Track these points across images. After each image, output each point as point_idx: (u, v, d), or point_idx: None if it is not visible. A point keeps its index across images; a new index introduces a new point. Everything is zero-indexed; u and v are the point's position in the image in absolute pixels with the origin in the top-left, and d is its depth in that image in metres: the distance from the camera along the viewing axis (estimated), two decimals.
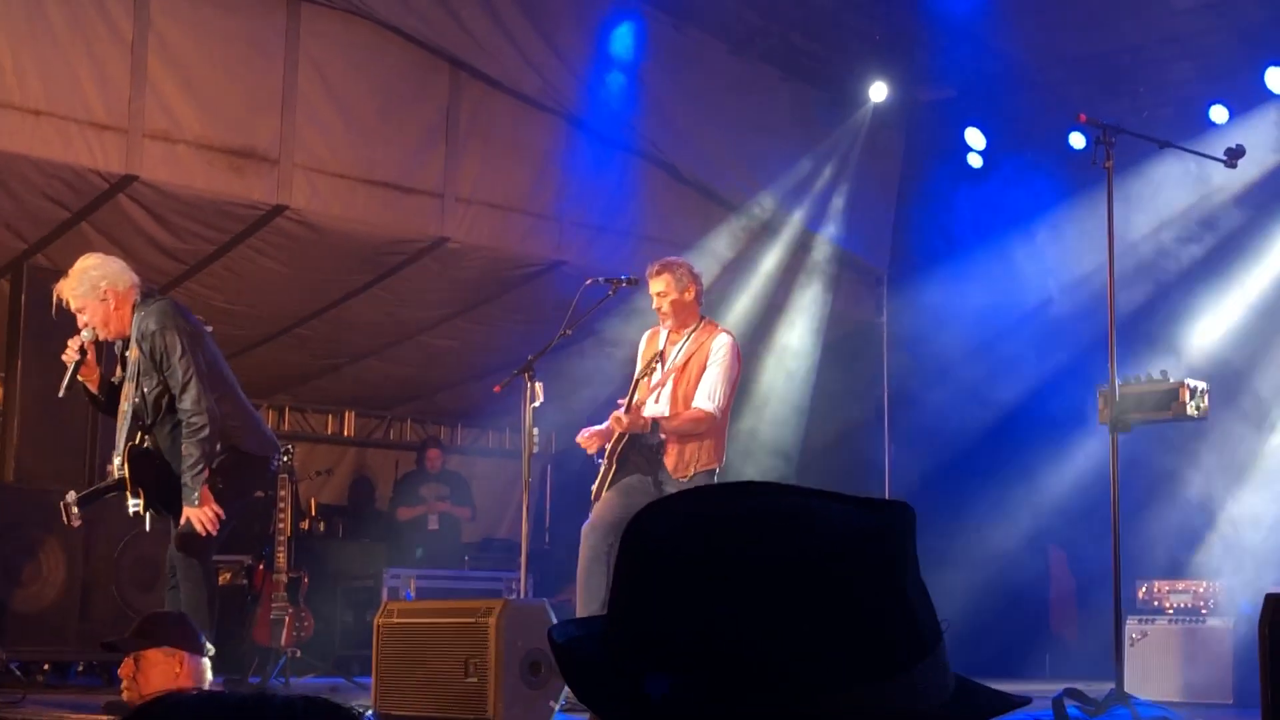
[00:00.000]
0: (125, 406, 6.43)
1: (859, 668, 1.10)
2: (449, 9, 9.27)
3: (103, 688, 8.04)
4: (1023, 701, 1.22)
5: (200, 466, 6.24)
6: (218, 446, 6.37)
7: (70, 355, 6.33)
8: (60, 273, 6.67)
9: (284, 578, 8.68)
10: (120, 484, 6.44)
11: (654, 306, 7.19)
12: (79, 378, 6.41)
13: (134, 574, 8.36)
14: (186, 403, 6.26)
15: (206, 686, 5.06)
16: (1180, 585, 8.22)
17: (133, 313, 6.38)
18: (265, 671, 8.53)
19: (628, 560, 1.18)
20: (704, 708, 1.10)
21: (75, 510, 6.55)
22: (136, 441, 6.46)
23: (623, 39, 9.94)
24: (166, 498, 6.41)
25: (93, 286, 6.34)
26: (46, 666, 8.42)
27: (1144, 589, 8.27)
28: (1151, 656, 7.87)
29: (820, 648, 1.09)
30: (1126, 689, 6.29)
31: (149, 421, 6.42)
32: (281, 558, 8.67)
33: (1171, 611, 8.12)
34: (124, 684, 4.93)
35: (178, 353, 6.27)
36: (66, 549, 8.17)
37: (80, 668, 8.73)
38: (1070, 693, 5.67)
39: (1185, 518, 9.32)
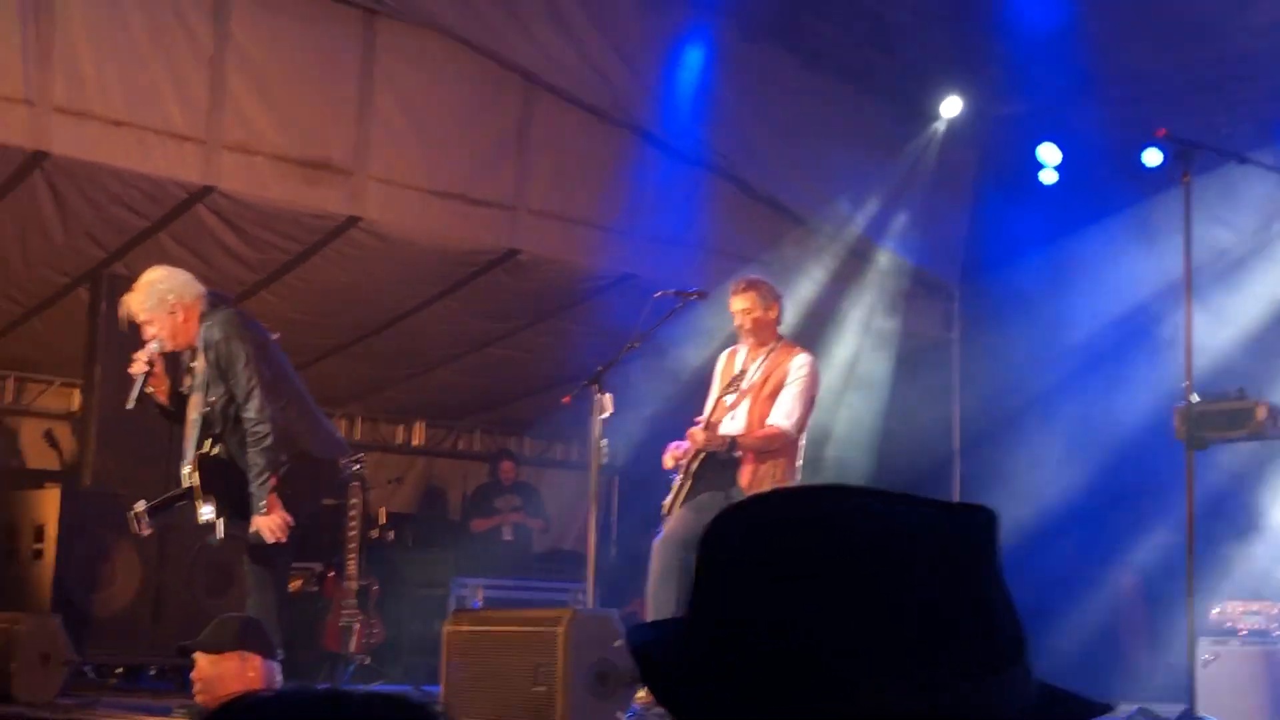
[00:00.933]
0: (194, 416, 6.49)
1: (931, 675, 1.09)
2: (521, 23, 9.34)
3: (175, 692, 8.13)
4: (1105, 708, 1.22)
5: (266, 475, 6.29)
6: (284, 455, 6.41)
7: (138, 368, 6.39)
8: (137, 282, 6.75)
9: (354, 585, 8.74)
10: (190, 492, 6.51)
11: (736, 324, 7.20)
12: (148, 389, 6.49)
13: (208, 578, 8.45)
14: (250, 411, 6.31)
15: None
16: (1254, 606, 8.08)
17: (199, 323, 6.44)
18: (335, 678, 8.59)
19: (700, 563, 1.20)
20: (773, 709, 1.11)
21: (145, 519, 6.63)
22: (206, 450, 6.52)
23: (694, 52, 9.96)
24: (238, 505, 6.46)
25: (160, 300, 6.40)
26: (120, 670, 8.53)
27: (1217, 610, 8.15)
28: (1224, 679, 7.75)
29: (886, 652, 1.09)
30: (1199, 711, 6.22)
31: (219, 430, 6.48)
32: (352, 565, 8.73)
33: (1245, 633, 7.99)
34: (197, 687, 4.99)
35: (241, 361, 6.33)
36: (141, 553, 8.27)
37: (153, 671, 8.82)
38: (1143, 713, 5.62)
39: (1262, 538, 9.18)
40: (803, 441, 7.22)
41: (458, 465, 13.25)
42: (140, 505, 6.64)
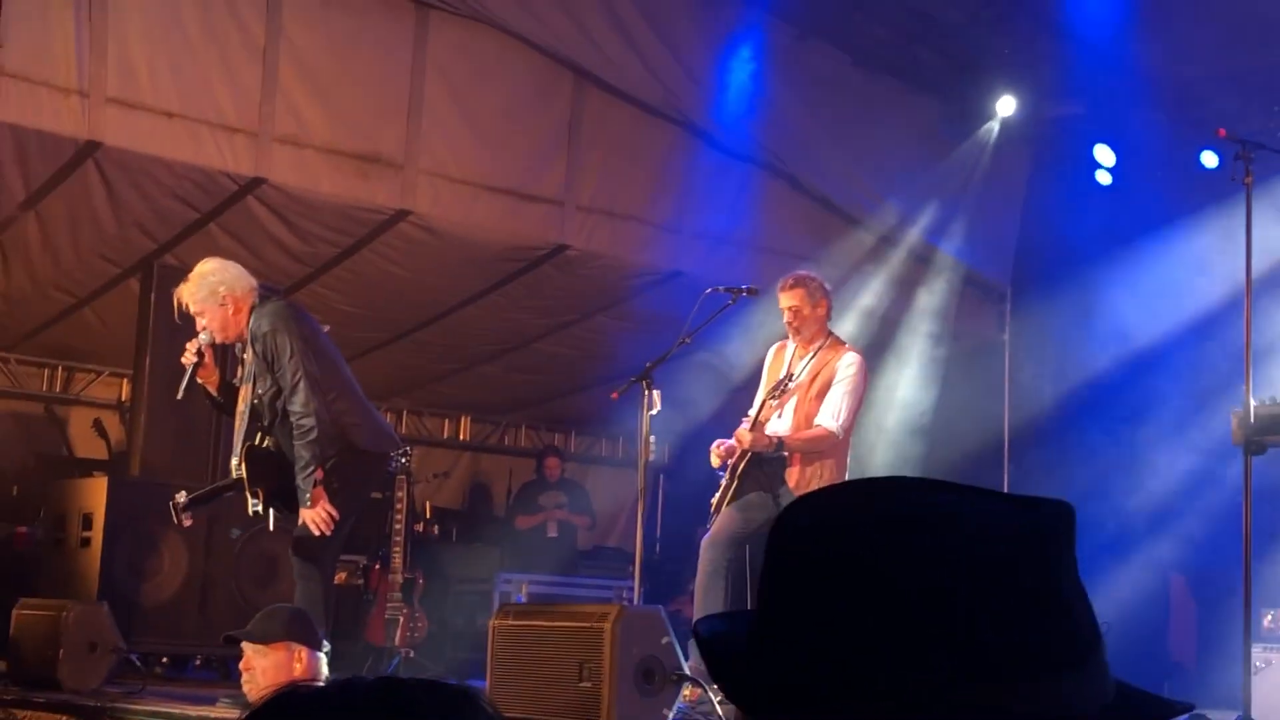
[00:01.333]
0: (242, 407, 6.51)
1: (1004, 673, 1.06)
2: (574, 18, 9.30)
3: (220, 681, 8.15)
4: (1186, 708, 1.18)
5: (311, 468, 6.29)
6: (330, 448, 6.40)
7: (188, 358, 6.43)
8: (189, 272, 6.76)
9: (400, 578, 8.73)
10: (238, 484, 6.51)
11: (785, 320, 7.14)
12: (198, 380, 6.51)
13: (253, 569, 8.46)
14: (295, 405, 6.31)
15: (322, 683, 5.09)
16: None
17: (250, 316, 6.45)
18: (378, 671, 8.59)
19: (769, 556, 1.16)
20: (834, 709, 1.08)
21: (185, 512, 6.64)
22: (256, 441, 6.53)
23: (746, 49, 9.90)
24: (287, 497, 6.47)
25: (211, 291, 6.43)
26: (165, 659, 8.55)
27: (1270, 617, 8.06)
28: (1276, 685, 7.66)
29: (961, 652, 1.06)
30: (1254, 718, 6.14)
31: (267, 422, 6.49)
32: (397, 558, 8.73)
33: None
34: (244, 677, 4.98)
35: (287, 354, 6.33)
36: (188, 543, 8.29)
37: (198, 661, 8.85)
38: (1196, 718, 5.54)
39: None
40: (850, 441, 7.17)
41: (503, 461, 13.26)
42: (181, 497, 6.65)
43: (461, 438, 13.14)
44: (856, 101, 10.46)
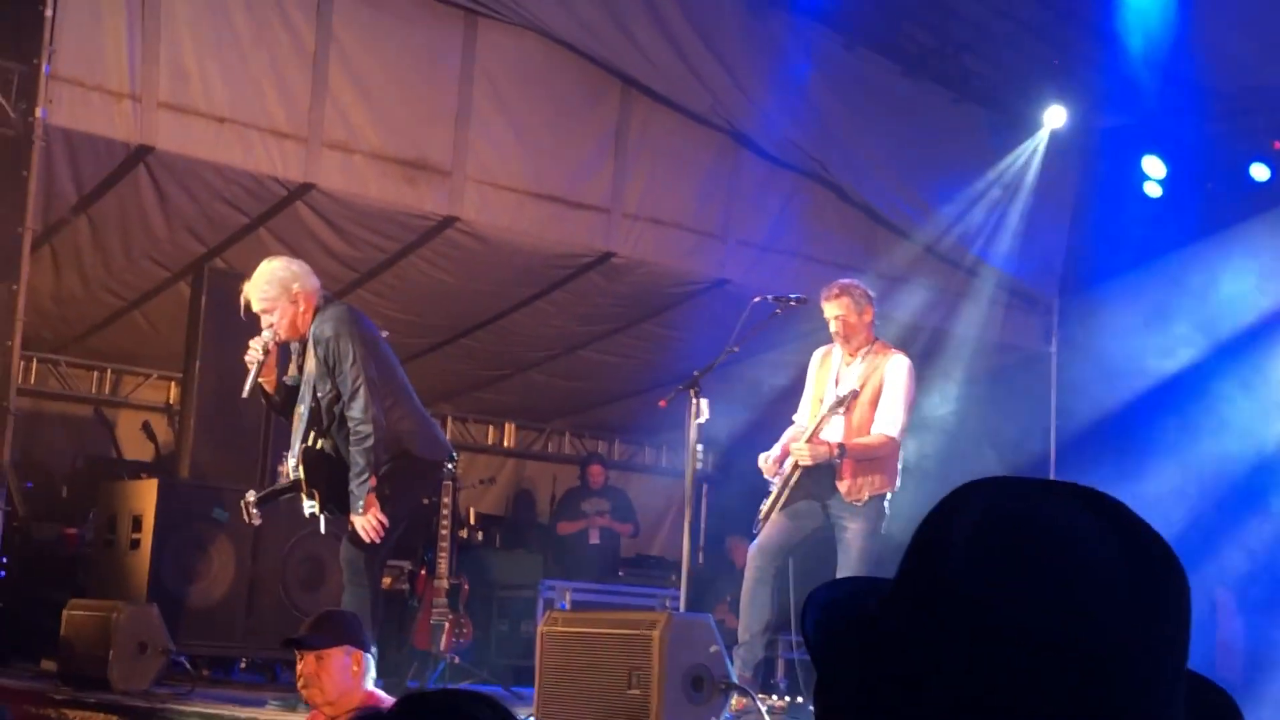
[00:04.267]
0: (301, 409, 6.48)
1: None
2: (621, 26, 9.31)
3: (267, 684, 8.19)
4: None
5: (366, 475, 6.27)
6: (385, 454, 6.40)
7: (254, 356, 6.37)
8: (239, 276, 6.75)
9: (445, 584, 8.75)
10: (296, 485, 6.51)
11: (832, 330, 7.14)
12: (259, 379, 6.50)
13: (301, 573, 8.49)
14: (355, 411, 6.29)
15: (372, 686, 5.11)
16: None
17: (314, 316, 6.45)
18: (424, 676, 8.60)
19: (920, 546, 1.07)
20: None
21: (255, 510, 6.65)
22: (312, 443, 6.53)
23: (793, 58, 9.88)
24: (341, 500, 6.46)
25: (285, 288, 6.39)
26: (211, 661, 8.59)
27: None
28: None
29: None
30: None
31: (325, 425, 6.49)
32: (443, 564, 8.75)
33: None
34: (301, 681, 4.95)
35: (349, 360, 6.31)
36: (236, 546, 8.32)
37: (244, 664, 8.89)
38: None
39: None
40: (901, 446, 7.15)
41: (547, 468, 13.28)
42: (251, 495, 6.65)
43: (506, 444, 13.16)
44: (904, 111, 10.44)
